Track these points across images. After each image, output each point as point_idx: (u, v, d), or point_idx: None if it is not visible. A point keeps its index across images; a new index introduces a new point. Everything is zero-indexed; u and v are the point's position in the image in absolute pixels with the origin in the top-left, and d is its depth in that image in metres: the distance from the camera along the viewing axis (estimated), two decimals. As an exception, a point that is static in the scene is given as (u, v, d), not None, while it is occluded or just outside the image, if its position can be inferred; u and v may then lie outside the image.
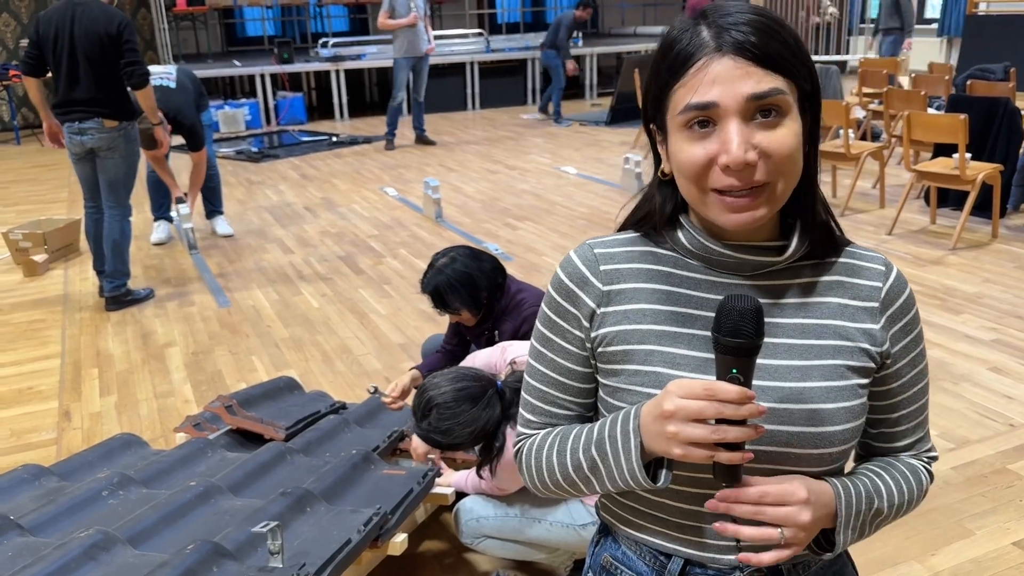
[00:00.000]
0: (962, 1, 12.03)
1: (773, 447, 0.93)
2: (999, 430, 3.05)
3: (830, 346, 0.96)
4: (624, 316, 0.99)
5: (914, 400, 1.03)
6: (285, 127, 10.65)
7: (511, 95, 12.01)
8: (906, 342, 1.00)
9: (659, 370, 0.96)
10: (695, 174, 0.90)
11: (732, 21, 0.88)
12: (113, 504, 2.02)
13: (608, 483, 0.96)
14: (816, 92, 0.93)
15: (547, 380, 1.04)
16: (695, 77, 0.88)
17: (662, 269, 1.00)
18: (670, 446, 0.86)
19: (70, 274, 5.22)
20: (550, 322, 1.04)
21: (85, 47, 4.16)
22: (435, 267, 2.60)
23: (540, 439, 1.04)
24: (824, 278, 0.99)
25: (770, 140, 0.87)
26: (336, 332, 4.17)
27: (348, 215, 6.39)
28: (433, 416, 1.98)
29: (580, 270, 1.02)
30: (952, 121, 4.93)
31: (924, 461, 1.07)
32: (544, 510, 2.19)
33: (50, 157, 9.16)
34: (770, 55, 0.87)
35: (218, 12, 12.88)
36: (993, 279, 4.52)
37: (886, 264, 1.01)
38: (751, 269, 0.97)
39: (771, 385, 0.94)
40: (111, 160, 4.38)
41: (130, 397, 3.56)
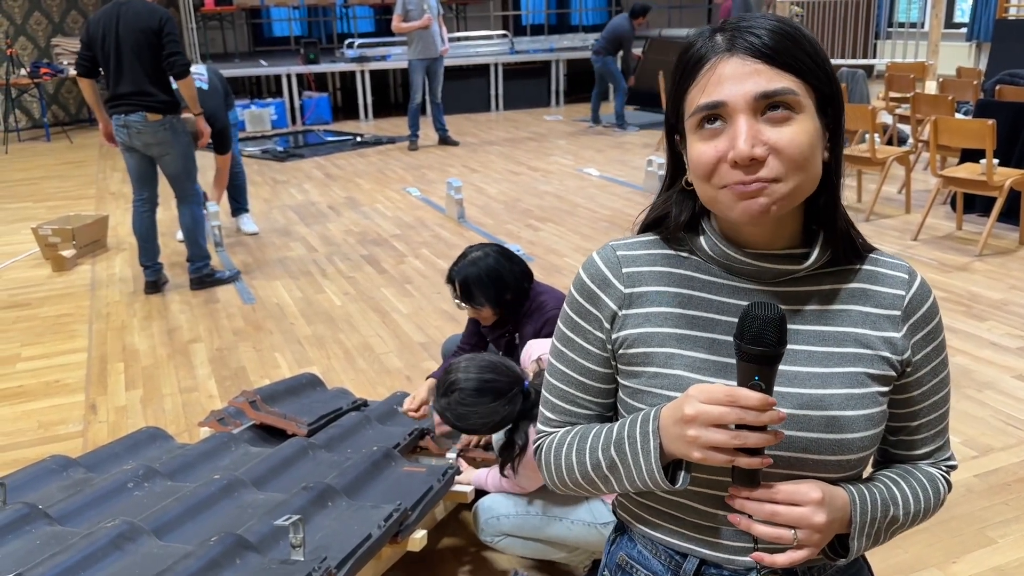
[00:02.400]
0: (992, 5, 11.89)
1: (792, 453, 0.94)
2: (1023, 438, 3.02)
3: (851, 354, 0.96)
4: (645, 319, 0.99)
5: (934, 409, 1.03)
6: (310, 127, 10.72)
7: (535, 97, 12.02)
8: (928, 351, 1.00)
9: (679, 373, 0.96)
10: (706, 172, 0.90)
11: (747, 26, 0.90)
12: (138, 496, 2.05)
13: (627, 483, 0.97)
14: (837, 97, 0.93)
15: (568, 380, 1.06)
16: (705, 78, 0.90)
17: (683, 273, 1.00)
18: (690, 450, 0.87)
19: (97, 269, 5.29)
20: (572, 323, 1.05)
21: (130, 42, 4.34)
22: (468, 258, 2.58)
23: (560, 437, 1.05)
24: (846, 286, 0.99)
25: (780, 136, 0.87)
26: (358, 330, 4.20)
27: (371, 215, 6.43)
28: (454, 398, 2.01)
29: (603, 272, 1.03)
30: (980, 126, 4.89)
31: (943, 470, 1.06)
32: (565, 508, 2.20)
33: (79, 154, 9.29)
34: (781, 55, 0.88)
35: (245, 12, 13.00)
36: (1019, 286, 4.47)
37: (910, 272, 1.01)
38: (771, 277, 0.97)
39: (791, 391, 0.94)
40: (167, 157, 4.57)
41: (155, 391, 3.61)
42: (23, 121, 10.79)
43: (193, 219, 4.76)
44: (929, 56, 9.64)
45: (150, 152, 4.55)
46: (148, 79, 4.39)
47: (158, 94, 4.43)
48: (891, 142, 7.30)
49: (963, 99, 7.07)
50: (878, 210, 5.99)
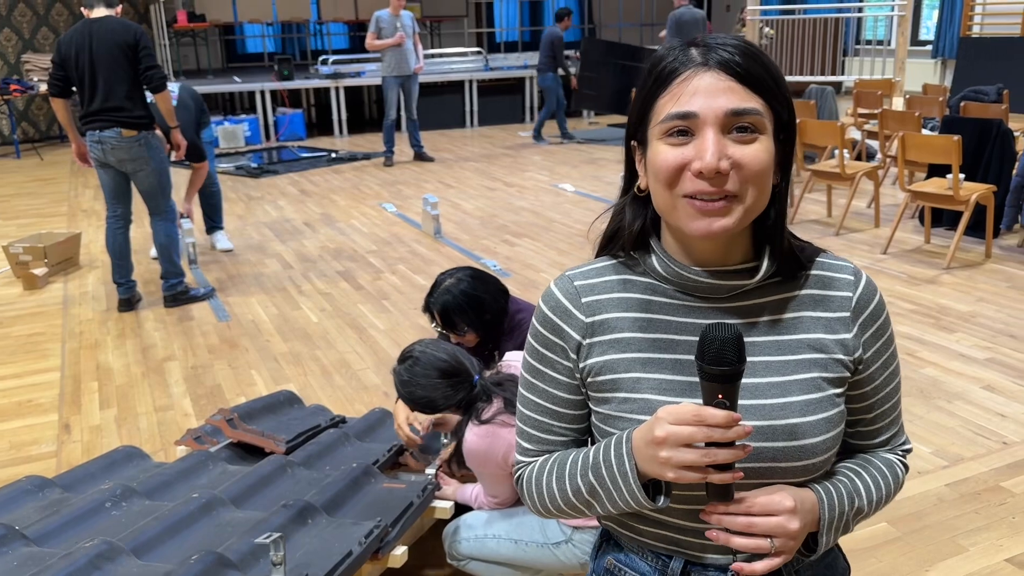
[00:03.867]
0: (956, 23, 12.16)
1: (760, 463, 0.97)
2: (992, 448, 3.08)
3: (806, 360, 0.99)
4: (609, 346, 1.02)
5: (888, 399, 1.07)
6: (284, 143, 10.70)
7: (509, 113, 12.09)
8: (878, 346, 1.04)
9: (647, 396, 0.99)
10: (668, 177, 0.93)
11: (720, 43, 0.94)
12: (116, 515, 2.04)
13: (609, 505, 0.99)
14: (792, 122, 0.97)
15: (540, 409, 1.07)
16: (679, 87, 0.92)
17: (640, 297, 1.03)
18: (663, 470, 0.90)
19: (70, 287, 5.24)
20: (538, 354, 1.06)
21: (105, 59, 4.34)
22: (442, 287, 2.57)
23: (539, 466, 1.07)
24: (796, 293, 1.03)
25: (743, 153, 0.91)
26: (335, 347, 4.19)
27: (347, 231, 6.42)
28: (405, 365, 2.14)
29: (562, 303, 1.04)
30: (946, 142, 4.99)
31: (899, 455, 1.11)
32: (519, 529, 2.19)
33: (50, 171, 9.20)
34: (753, 76, 0.92)
35: (218, 29, 12.99)
36: (987, 298, 4.56)
37: (855, 273, 1.04)
38: (725, 292, 1.00)
39: (752, 403, 0.97)
40: (142, 173, 4.55)
41: (130, 410, 3.58)
42: (-8, 138, 10.67)
43: (167, 236, 4.74)
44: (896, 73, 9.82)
45: (124, 168, 4.52)
46: (123, 95, 4.38)
47: (133, 109, 4.41)
48: (860, 157, 7.42)
49: (929, 115, 7.21)
50: (848, 224, 6.08)
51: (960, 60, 11.41)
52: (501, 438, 2.07)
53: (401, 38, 8.38)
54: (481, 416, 2.08)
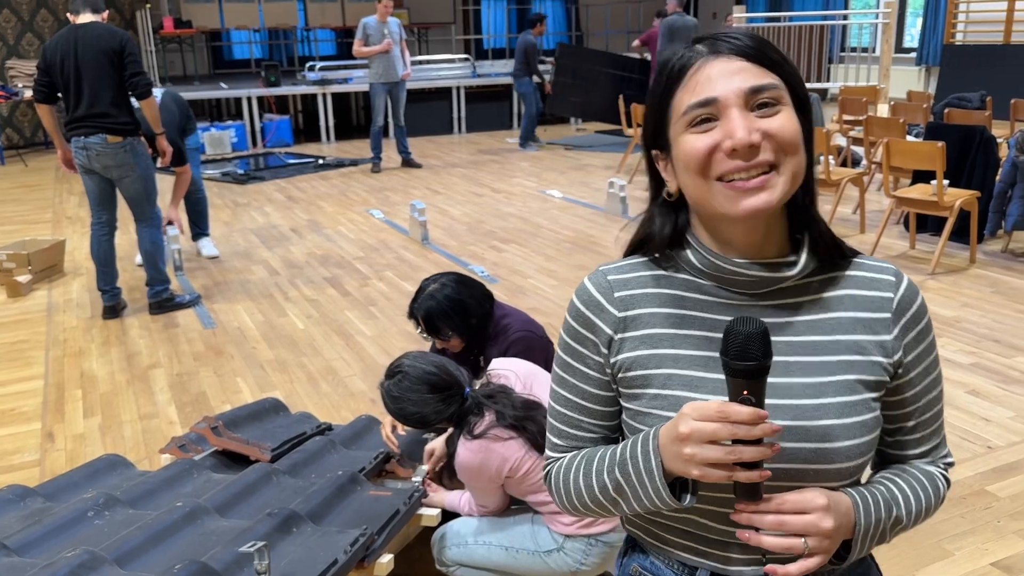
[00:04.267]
0: (940, 31, 12.26)
1: (791, 464, 0.95)
2: (977, 452, 3.09)
3: (843, 361, 0.97)
4: (641, 341, 1.01)
5: (929, 407, 1.04)
6: (271, 149, 10.67)
7: (497, 119, 12.11)
8: (919, 351, 1.01)
9: (679, 393, 0.97)
10: (699, 163, 0.92)
11: (724, 35, 0.94)
12: (99, 524, 2.02)
13: (635, 503, 0.97)
14: (807, 103, 0.96)
15: (571, 405, 1.07)
16: (693, 79, 0.92)
17: (674, 293, 1.01)
18: (688, 467, 0.88)
19: (54, 295, 5.20)
20: (570, 349, 1.06)
21: (91, 65, 4.32)
22: (426, 292, 2.59)
23: (567, 462, 1.06)
24: (834, 292, 1.00)
25: (771, 123, 0.90)
26: (321, 353, 4.18)
27: (334, 237, 6.41)
28: (394, 381, 2.11)
29: (595, 297, 1.04)
30: (930, 148, 5.03)
31: (940, 467, 1.07)
32: (510, 536, 2.19)
33: (34, 177, 9.14)
34: (764, 55, 0.92)
35: (205, 35, 12.94)
36: (971, 304, 4.59)
37: (896, 274, 1.02)
38: (763, 286, 0.98)
39: (785, 403, 0.95)
40: (127, 179, 4.53)
41: (114, 418, 3.55)
42: (-24, 144, 10.60)
43: (152, 243, 4.71)
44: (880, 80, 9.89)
45: (109, 175, 4.50)
46: (108, 101, 4.35)
47: (118, 116, 4.39)
48: (845, 164, 7.47)
49: (914, 122, 7.26)
50: (833, 230, 6.08)
51: (944, 67, 11.52)
52: (494, 452, 2.06)
53: (388, 45, 8.38)
54: (473, 430, 2.07)
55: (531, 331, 2.63)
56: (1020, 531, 2.63)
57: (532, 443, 2.07)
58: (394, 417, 2.19)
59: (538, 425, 2.08)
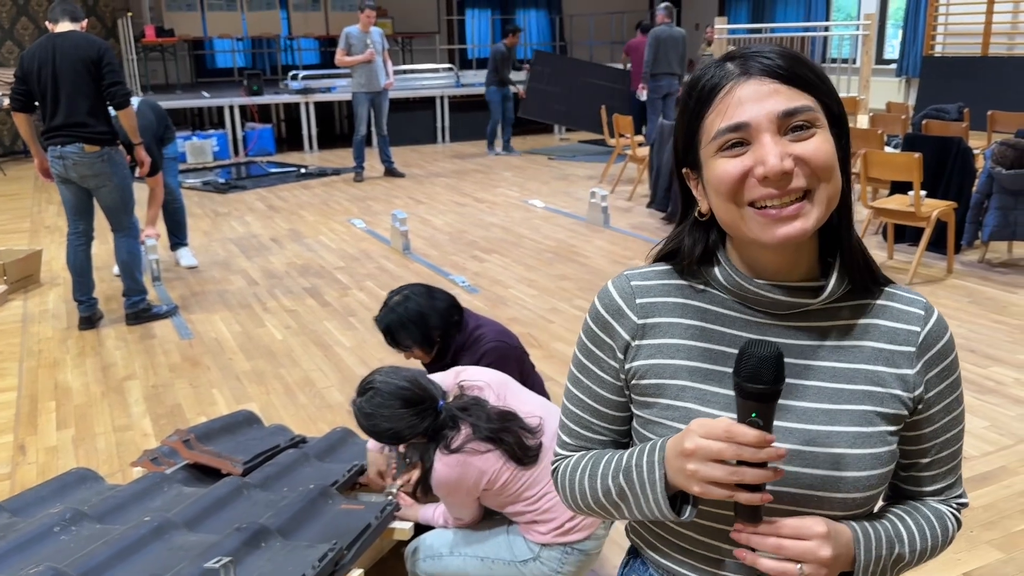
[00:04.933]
0: (919, 43, 12.38)
1: (797, 489, 0.94)
2: (952, 462, 3.10)
3: (861, 391, 0.95)
4: (658, 350, 1.00)
5: (946, 446, 1.02)
6: (253, 158, 10.63)
7: (481, 129, 12.09)
8: (941, 388, 0.99)
9: (690, 406, 0.97)
10: (731, 189, 0.90)
11: (755, 52, 0.91)
12: (65, 540, 1.99)
13: (636, 511, 0.97)
14: (844, 117, 0.95)
15: (583, 406, 1.07)
16: (723, 102, 0.90)
17: (697, 305, 1.01)
18: (690, 483, 0.88)
19: (30, 305, 5.15)
20: (587, 350, 1.06)
21: (68, 73, 4.28)
22: (388, 305, 2.63)
23: (575, 461, 1.07)
24: (861, 320, 0.98)
25: (805, 148, 0.88)
26: (299, 364, 4.15)
27: (315, 247, 6.38)
28: (366, 397, 2.07)
29: (616, 302, 1.03)
30: (907, 159, 5.07)
31: (953, 507, 1.05)
32: (484, 546, 2.18)
33: (13, 187, 9.07)
34: (796, 75, 0.90)
35: (188, 44, 12.90)
36: (947, 314, 4.62)
37: (926, 308, 1.00)
38: (786, 309, 0.97)
39: (797, 427, 0.94)
40: (104, 189, 4.49)
41: (88, 431, 3.51)
42: (-46, 153, 10.51)
43: (129, 253, 4.68)
44: (860, 91, 9.97)
45: (86, 184, 4.47)
46: (86, 110, 4.32)
47: (96, 125, 4.36)
48: (826, 174, 7.51)
49: (892, 133, 7.32)
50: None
51: (923, 79, 11.64)
52: (472, 467, 2.05)
53: (371, 55, 8.38)
54: (450, 444, 2.06)
55: (505, 341, 2.63)
56: (992, 541, 2.64)
57: (509, 455, 2.07)
58: (367, 434, 2.17)
59: (514, 436, 2.07)
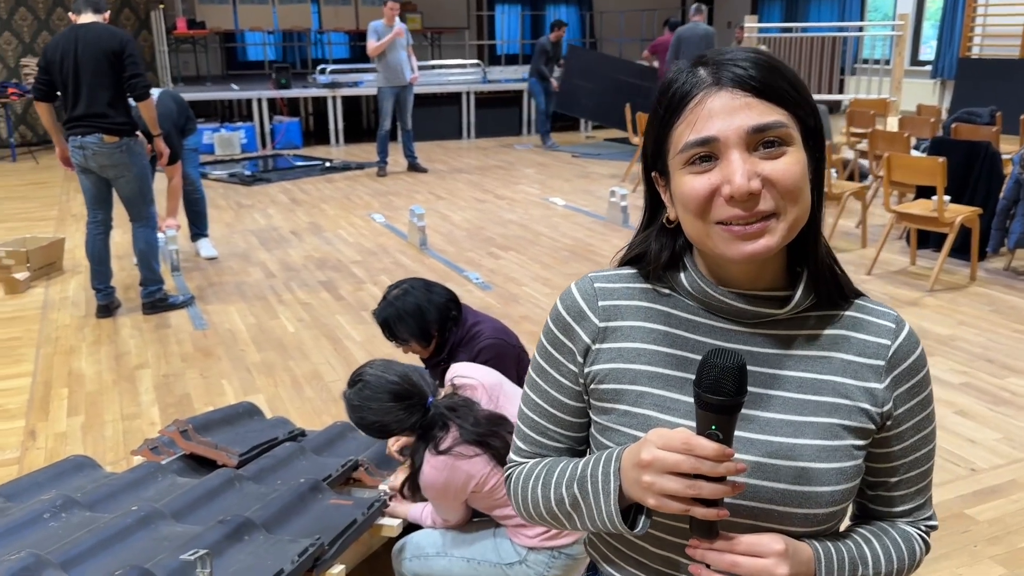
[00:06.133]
0: (955, 44, 12.16)
1: (757, 503, 0.91)
2: (960, 474, 3.05)
3: (827, 403, 0.93)
4: (619, 354, 0.98)
5: (915, 465, 0.99)
6: (280, 151, 10.72)
7: (506, 125, 12.11)
8: (911, 405, 0.97)
9: (649, 413, 0.94)
10: (698, 206, 0.88)
11: (729, 59, 0.88)
12: (54, 527, 2.02)
13: (588, 522, 0.94)
14: (820, 128, 0.92)
15: (539, 411, 1.05)
16: (693, 113, 0.87)
17: (661, 309, 0.98)
18: (645, 495, 0.85)
19: (51, 292, 5.23)
20: (546, 353, 1.03)
21: (90, 64, 4.34)
22: (386, 299, 2.64)
23: (528, 468, 1.04)
24: (829, 331, 0.96)
25: (774, 168, 0.85)
26: (309, 357, 4.17)
27: (333, 240, 6.41)
28: (355, 389, 2.07)
29: (578, 303, 1.01)
30: (931, 164, 4.97)
31: (921, 529, 1.02)
32: (471, 548, 2.17)
33: (43, 175, 9.22)
34: (770, 87, 0.87)
35: (219, 36, 13.02)
36: (968, 322, 4.53)
37: (897, 321, 0.97)
38: (751, 317, 0.95)
39: (760, 438, 0.92)
40: (123, 179, 4.55)
41: (97, 418, 3.56)
42: (-11, 140, 10.71)
43: (147, 243, 4.73)
44: (892, 93, 9.81)
45: (105, 174, 4.52)
46: (106, 101, 4.38)
47: (115, 116, 4.41)
48: (852, 177, 7.41)
49: (922, 136, 7.20)
50: (834, 244, 6.05)
51: (959, 81, 11.42)
52: (459, 470, 2.04)
53: (400, 31, 8.37)
54: (439, 446, 2.05)
55: (502, 339, 2.62)
56: (996, 556, 2.58)
57: (497, 459, 2.05)
58: (356, 426, 2.17)
59: (502, 440, 2.05)
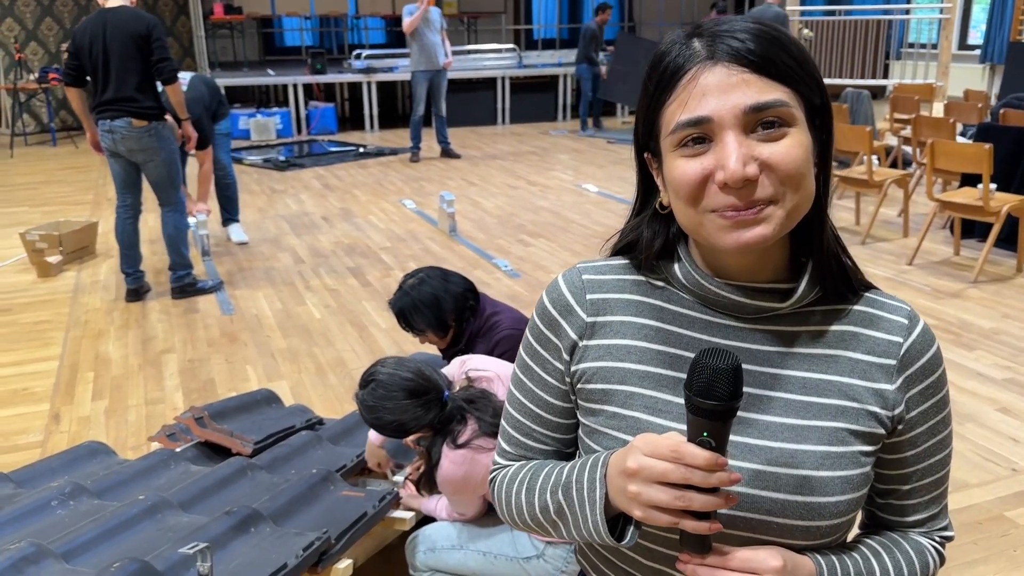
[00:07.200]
0: (1006, 27, 11.77)
1: (754, 514, 0.84)
2: (1001, 474, 2.92)
3: (833, 406, 0.85)
4: (607, 352, 0.91)
5: (930, 472, 0.92)
6: (315, 137, 10.73)
7: (542, 111, 11.99)
8: (925, 407, 0.89)
9: (639, 416, 0.88)
10: (690, 193, 0.80)
11: (727, 29, 0.80)
12: (61, 514, 2.00)
13: (575, 531, 0.87)
14: (827, 107, 0.84)
15: (524, 411, 0.98)
16: (685, 90, 0.79)
17: (654, 303, 0.91)
18: (631, 506, 0.78)
19: (82, 276, 5.27)
20: (531, 350, 0.97)
21: (117, 49, 4.34)
22: (403, 288, 2.59)
23: (513, 472, 0.98)
24: (836, 327, 0.88)
25: (773, 151, 0.78)
26: (334, 344, 4.14)
27: (363, 226, 6.39)
28: (369, 389, 2.00)
29: (565, 297, 0.94)
30: (976, 150, 4.79)
31: (936, 540, 0.95)
32: (488, 541, 2.12)
33: (82, 160, 9.32)
34: (770, 62, 0.78)
35: (256, 21, 13.06)
36: (1012, 315, 4.36)
37: (910, 317, 0.90)
38: (751, 312, 0.87)
39: (760, 444, 0.84)
40: (151, 163, 4.56)
41: (121, 402, 3.56)
42: (31, 126, 10.86)
43: (175, 227, 4.74)
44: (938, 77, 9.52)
45: (134, 158, 4.53)
46: (134, 85, 4.38)
47: (144, 100, 4.41)
48: (896, 164, 7.20)
49: (969, 122, 6.96)
50: (875, 233, 5.88)
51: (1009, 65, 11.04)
52: (479, 464, 1.98)
53: (431, 0, 8.27)
54: (457, 439, 1.99)
55: (521, 329, 2.55)
56: (1037, 562, 2.46)
57: None
58: (371, 427, 2.11)
59: None
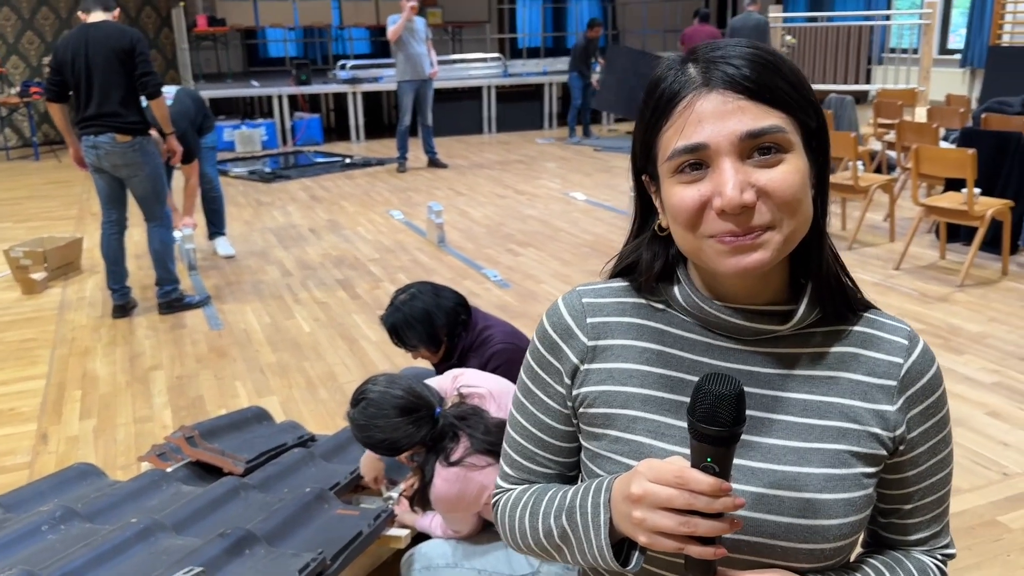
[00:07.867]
0: (985, 32, 11.88)
1: (758, 538, 0.84)
2: (992, 479, 2.93)
3: (834, 428, 0.86)
4: (609, 375, 0.91)
5: (931, 491, 0.93)
6: (301, 148, 10.70)
7: (527, 119, 12.00)
8: (926, 427, 0.90)
9: (642, 440, 0.88)
10: (688, 219, 0.81)
11: (722, 55, 0.80)
12: (52, 539, 1.97)
13: (579, 557, 0.87)
14: (823, 130, 0.84)
15: (526, 434, 0.98)
16: (681, 117, 0.80)
17: (655, 326, 0.91)
18: (636, 532, 0.78)
19: (68, 292, 5.23)
20: (532, 373, 0.97)
21: (100, 64, 4.31)
22: (394, 304, 2.59)
23: (516, 496, 0.98)
24: (836, 348, 0.89)
25: (770, 178, 0.78)
26: (324, 358, 4.12)
27: (352, 238, 6.37)
28: (360, 408, 1.99)
29: (565, 320, 0.94)
30: (960, 155, 4.83)
31: (937, 559, 0.96)
32: (483, 559, 2.11)
33: (66, 174, 9.26)
34: (766, 88, 0.79)
35: (240, 33, 13.02)
36: (999, 318, 4.39)
37: (910, 337, 0.91)
38: (751, 334, 0.88)
39: (762, 467, 0.85)
40: (136, 178, 4.52)
41: (109, 421, 3.53)
42: (13, 140, 10.79)
43: (161, 242, 4.71)
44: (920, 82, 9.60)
45: (119, 174, 4.50)
46: (118, 100, 4.35)
47: (127, 115, 4.38)
48: (880, 169, 7.25)
49: (951, 126, 7.01)
50: (861, 238, 5.91)
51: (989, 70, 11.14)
52: (472, 482, 1.98)
53: (414, 8, 8.25)
54: (449, 457, 1.98)
55: (514, 343, 2.55)
56: (1031, 568, 2.47)
57: None
58: (363, 446, 2.10)
59: None
